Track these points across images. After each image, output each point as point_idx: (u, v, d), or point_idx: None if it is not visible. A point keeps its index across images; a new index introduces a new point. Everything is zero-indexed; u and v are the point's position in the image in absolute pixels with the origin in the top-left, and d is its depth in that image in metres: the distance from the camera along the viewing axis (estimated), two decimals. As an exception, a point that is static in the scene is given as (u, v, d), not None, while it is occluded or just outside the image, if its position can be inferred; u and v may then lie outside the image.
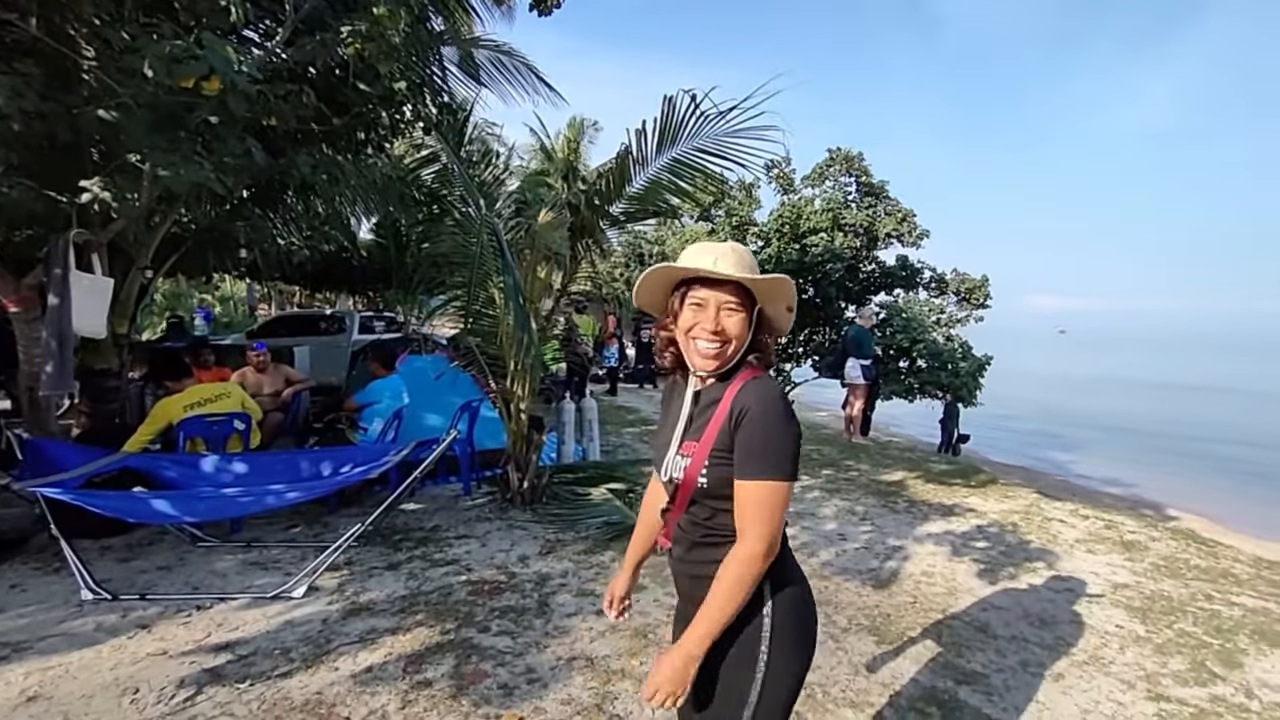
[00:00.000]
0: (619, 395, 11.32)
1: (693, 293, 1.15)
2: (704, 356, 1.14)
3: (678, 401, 1.24)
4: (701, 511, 1.18)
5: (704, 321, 1.13)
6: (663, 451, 1.22)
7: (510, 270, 3.15)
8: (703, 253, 1.15)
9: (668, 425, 1.24)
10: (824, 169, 10.65)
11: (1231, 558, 4.07)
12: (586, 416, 6.18)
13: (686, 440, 1.17)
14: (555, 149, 20.87)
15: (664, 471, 1.20)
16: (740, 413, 1.10)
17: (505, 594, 3.06)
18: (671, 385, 1.30)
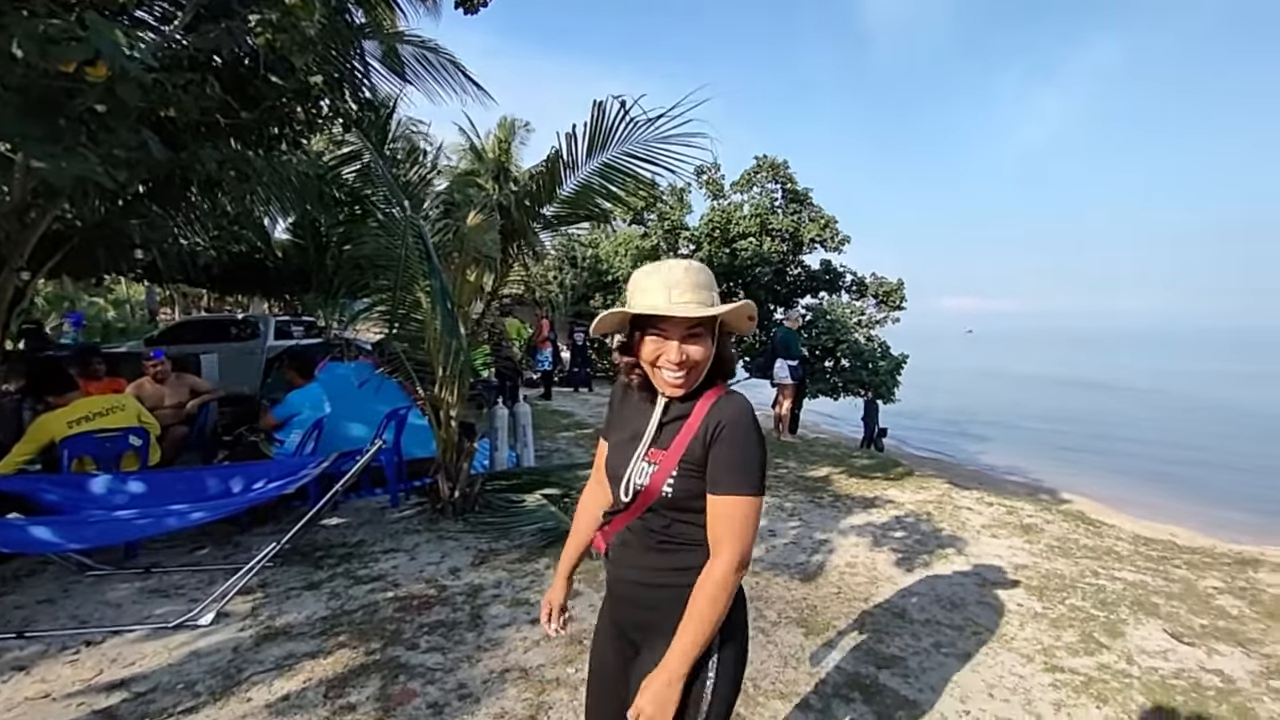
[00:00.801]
0: (553, 399, 11.21)
1: (650, 331, 1.12)
2: (671, 385, 1.14)
3: (640, 409, 1.23)
4: (657, 520, 1.18)
5: (668, 353, 1.11)
6: (623, 456, 1.21)
7: (437, 273, 3.07)
8: (657, 284, 1.10)
9: (626, 431, 1.24)
10: (752, 175, 10.99)
11: (1114, 536, 4.50)
12: (520, 422, 6.09)
13: (653, 448, 1.17)
14: (486, 149, 20.46)
15: (625, 476, 1.18)
16: (717, 428, 1.12)
17: (435, 608, 2.97)
18: (624, 389, 1.28)
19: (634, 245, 12.32)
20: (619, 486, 1.19)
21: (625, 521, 1.21)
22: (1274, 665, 2.61)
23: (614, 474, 1.22)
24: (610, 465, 1.25)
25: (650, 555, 1.19)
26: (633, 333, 1.16)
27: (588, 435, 7.91)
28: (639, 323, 1.14)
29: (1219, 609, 3.18)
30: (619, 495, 1.19)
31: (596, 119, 3.15)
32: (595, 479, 1.40)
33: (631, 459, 1.18)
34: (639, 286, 1.13)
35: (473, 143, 20.54)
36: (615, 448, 1.25)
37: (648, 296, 1.10)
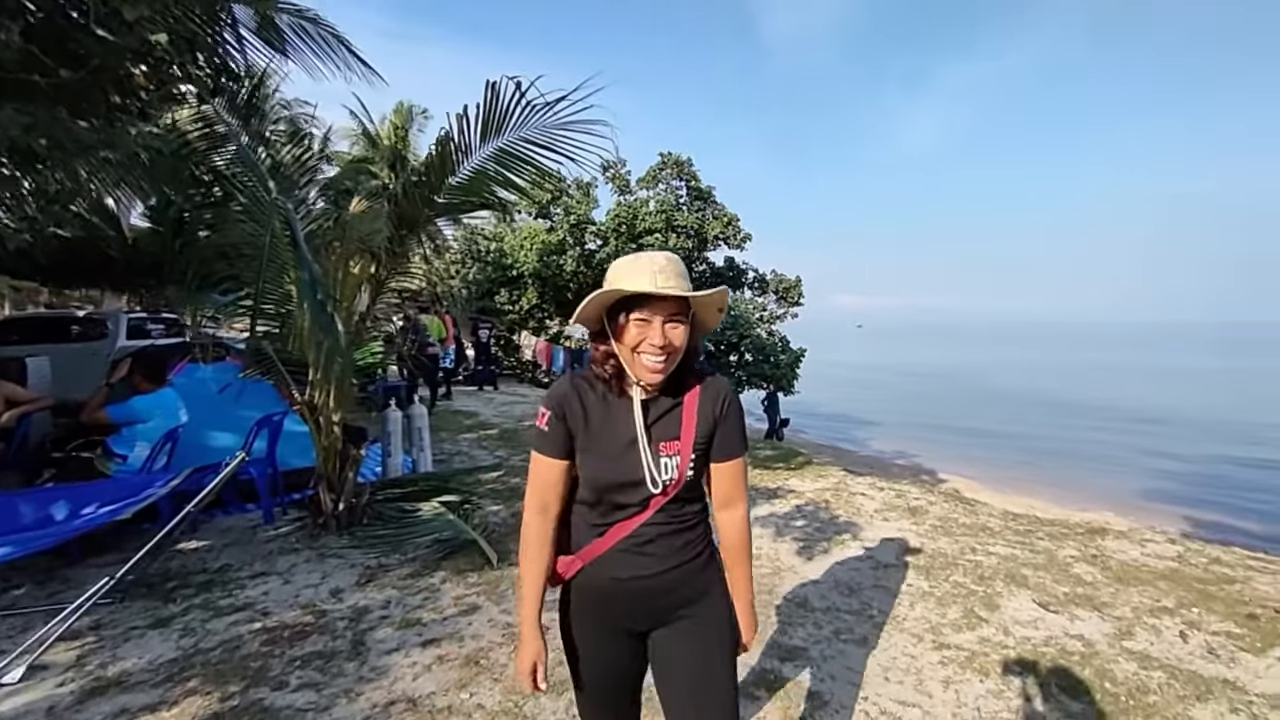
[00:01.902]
0: (455, 399, 10.70)
1: (637, 311, 1.15)
2: (651, 370, 1.17)
3: (616, 409, 1.24)
4: (673, 506, 1.25)
5: (651, 337, 1.15)
6: (626, 460, 1.21)
7: (306, 263, 2.73)
8: (641, 270, 1.15)
9: (614, 435, 1.23)
10: (657, 172, 11.04)
11: (987, 514, 4.90)
12: (415, 424, 5.71)
13: (664, 441, 1.22)
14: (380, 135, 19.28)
15: (644, 476, 1.20)
16: (724, 405, 1.26)
17: (311, 637, 2.65)
18: (578, 395, 1.25)
19: (539, 239, 12.00)
20: (633, 490, 1.21)
21: (641, 519, 1.23)
22: (1124, 626, 2.90)
23: (620, 480, 1.21)
24: (607, 475, 1.22)
25: (670, 541, 1.25)
26: (612, 319, 1.19)
27: (492, 436, 7.59)
28: (619, 309, 1.17)
29: (1077, 576, 3.51)
30: (630, 497, 1.22)
31: (490, 101, 2.94)
32: (537, 506, 1.27)
33: (641, 459, 1.20)
34: (623, 272, 1.17)
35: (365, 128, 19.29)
36: (605, 456, 1.22)
37: (635, 280, 1.14)
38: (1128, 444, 12.39)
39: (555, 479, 1.25)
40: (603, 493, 1.22)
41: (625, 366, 1.20)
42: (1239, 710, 2.28)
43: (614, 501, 1.22)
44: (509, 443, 7.19)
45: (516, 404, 10.60)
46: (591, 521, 1.26)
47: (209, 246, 4.55)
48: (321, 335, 2.74)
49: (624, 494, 1.22)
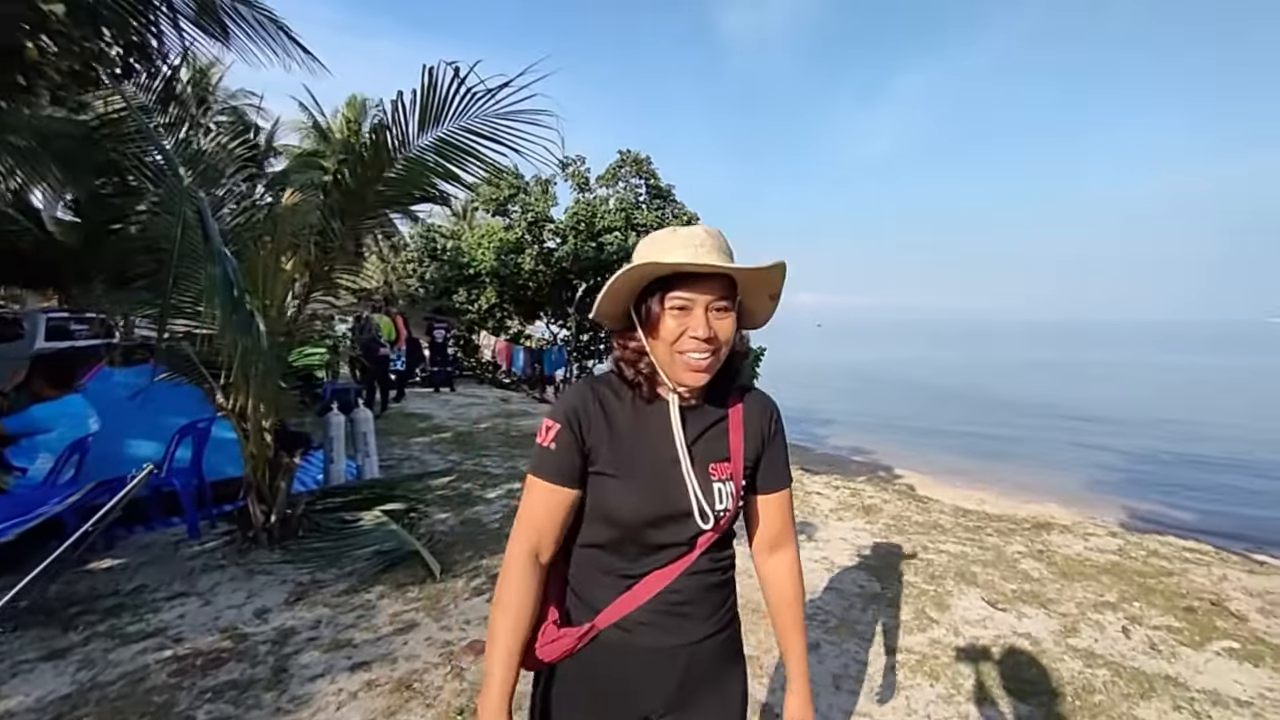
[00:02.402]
0: (409, 401, 10.36)
1: (673, 294, 0.92)
2: (694, 369, 0.93)
3: (650, 420, 1.00)
4: (717, 548, 1.03)
5: (693, 328, 0.92)
6: (667, 484, 0.96)
7: (220, 258, 2.50)
8: (678, 243, 0.92)
9: (650, 452, 0.98)
10: (616, 170, 10.92)
11: (939, 511, 4.95)
12: (361, 428, 5.45)
13: (713, 462, 1.00)
14: (332, 129, 18.64)
15: (694, 508, 0.96)
16: (772, 423, 1.07)
17: (227, 665, 2.44)
18: (597, 402, 0.99)
19: (497, 237, 11.74)
20: (678, 526, 0.97)
21: (684, 565, 0.99)
22: (1069, 623, 2.93)
23: (663, 512, 0.96)
24: (646, 505, 0.96)
25: (713, 596, 1.03)
26: (642, 310, 0.96)
27: (445, 440, 7.34)
28: (648, 295, 0.94)
29: (1024, 573, 3.55)
30: (672, 535, 0.97)
31: (427, 87, 2.77)
32: (528, 547, 0.96)
33: (688, 484, 0.96)
34: (656, 246, 0.94)
35: (316, 121, 18.63)
36: (641, 480, 0.96)
37: (669, 253, 0.91)
38: (1072, 439, 12.89)
39: (560, 513, 0.97)
40: (636, 530, 0.96)
41: (659, 368, 0.97)
42: (1182, 708, 2.30)
43: (650, 542, 0.97)
44: (463, 446, 6.97)
45: (474, 405, 10.33)
46: (613, 571, 0.98)
47: (131, 240, 4.22)
48: (238, 335, 2.52)
49: (665, 531, 0.96)
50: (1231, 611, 3.06)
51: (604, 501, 0.96)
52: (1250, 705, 2.33)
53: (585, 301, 11.95)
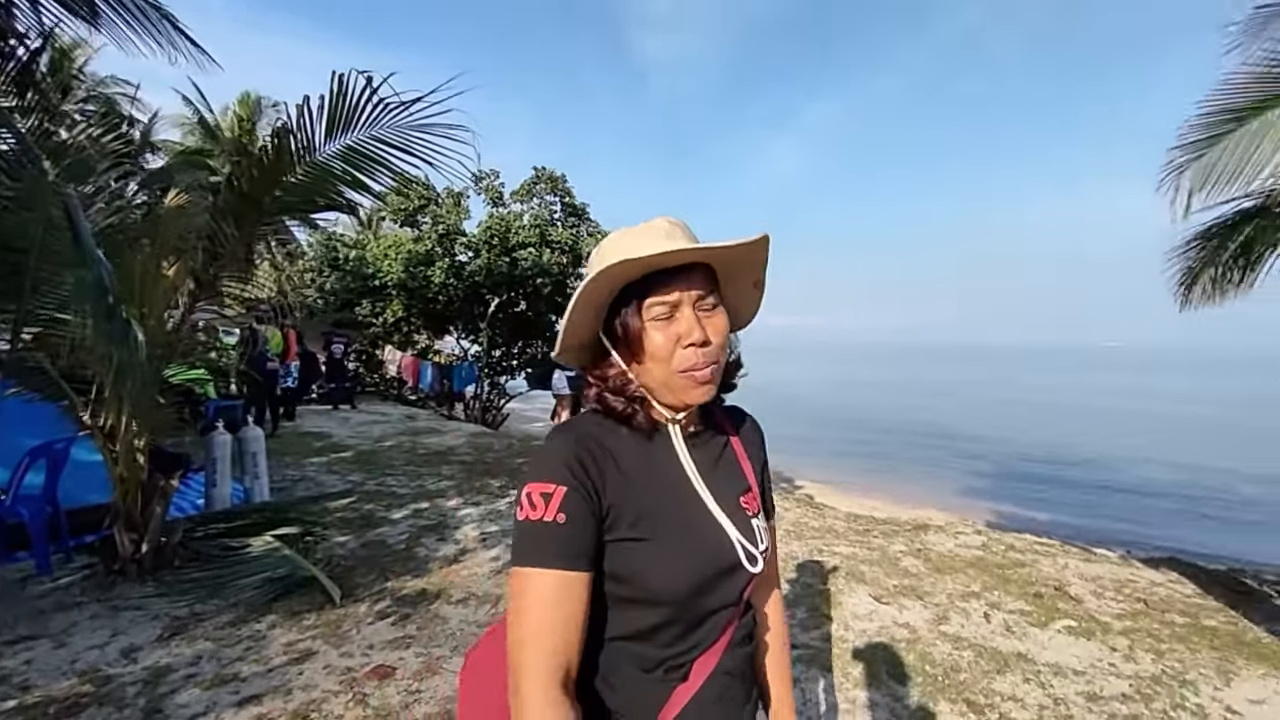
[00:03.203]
0: (306, 420, 9.70)
1: (652, 299, 0.76)
2: (700, 383, 0.77)
3: (655, 454, 0.82)
4: (761, 588, 0.92)
5: (686, 333, 0.75)
6: (706, 534, 0.79)
7: (92, 261, 2.29)
8: (639, 236, 0.78)
9: (673, 500, 0.79)
10: (531, 186, 10.92)
11: (834, 517, 5.31)
12: (250, 448, 5.07)
13: (741, 495, 0.84)
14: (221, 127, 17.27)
15: (739, 549, 0.79)
16: (763, 443, 0.95)
17: (88, 710, 2.20)
18: (601, 446, 0.78)
19: (405, 248, 11.33)
20: (728, 581, 0.78)
21: (733, 630, 0.80)
22: (941, 612, 3.26)
23: (714, 569, 0.77)
24: (694, 568, 0.76)
25: (751, 661, 0.86)
26: (614, 332, 0.80)
27: (345, 459, 6.94)
28: (621, 312, 0.78)
29: (905, 569, 3.90)
30: (724, 596, 0.78)
31: (337, 93, 2.70)
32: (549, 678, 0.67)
33: (722, 526, 0.79)
34: (618, 245, 0.78)
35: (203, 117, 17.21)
36: (681, 538, 0.77)
37: (636, 252, 0.74)
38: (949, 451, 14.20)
39: (583, 611, 0.71)
40: (686, 604, 0.75)
41: (649, 392, 0.81)
42: (1030, 679, 2.63)
43: (700, 612, 0.77)
44: (365, 466, 6.62)
45: (377, 423, 9.84)
46: (659, 665, 0.76)
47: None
48: (112, 346, 2.31)
49: (717, 593, 0.77)
50: (1071, 595, 3.53)
51: (637, 576, 0.74)
52: (1084, 674, 2.70)
53: (498, 316, 11.76)
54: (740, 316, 0.89)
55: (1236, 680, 2.64)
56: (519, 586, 0.70)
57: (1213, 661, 2.79)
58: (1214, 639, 3.00)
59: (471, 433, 9.40)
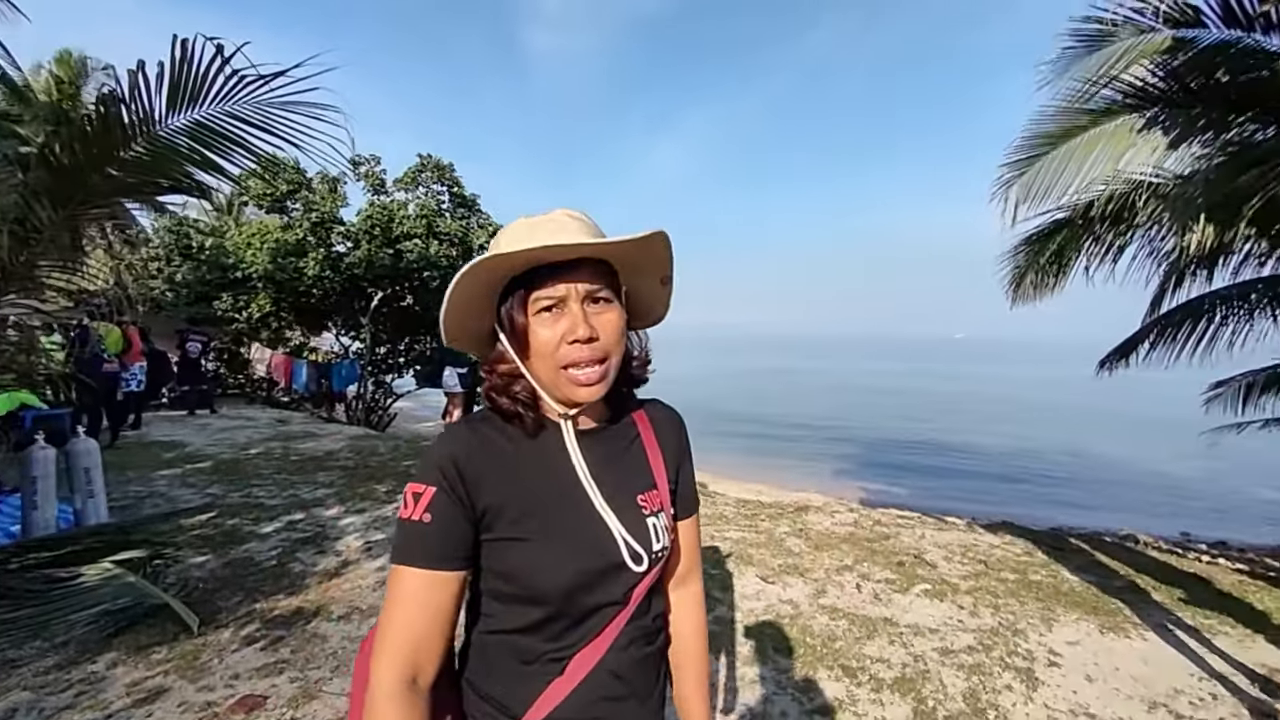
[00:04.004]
0: (154, 427, 8.60)
1: (537, 293, 0.75)
2: (586, 384, 0.76)
3: (551, 459, 0.81)
4: (653, 599, 0.87)
5: (571, 329, 0.75)
6: (589, 531, 0.79)
7: None
8: (531, 228, 0.77)
9: (558, 497, 0.79)
10: (416, 174, 10.36)
11: (724, 503, 5.56)
12: (81, 463, 4.41)
13: (640, 492, 0.83)
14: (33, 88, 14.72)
15: (623, 548, 0.79)
16: (684, 442, 0.94)
17: None
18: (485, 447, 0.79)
19: (273, 237, 10.32)
20: (611, 581, 0.79)
21: (619, 626, 0.79)
22: (820, 586, 3.52)
23: (596, 566, 0.78)
24: (575, 566, 0.77)
25: (649, 657, 0.85)
26: (506, 325, 0.79)
27: (203, 470, 6.24)
28: (514, 298, 0.77)
29: (788, 549, 4.17)
30: (605, 594, 0.78)
31: (181, 63, 2.39)
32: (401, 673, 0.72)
33: (608, 524, 0.79)
34: (508, 238, 0.77)
35: (5, 74, 14.53)
36: (564, 536, 0.77)
37: (517, 240, 0.75)
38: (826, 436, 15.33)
39: (449, 610, 0.75)
40: (566, 601, 0.76)
41: (542, 390, 0.80)
42: (894, 641, 2.92)
43: (582, 609, 0.78)
44: (227, 477, 5.99)
45: (242, 429, 8.92)
46: (537, 657, 0.78)
47: None
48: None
49: (598, 591, 0.78)
50: (927, 561, 3.96)
51: (518, 573, 0.76)
52: (938, 631, 3.03)
53: (382, 311, 11.06)
54: (651, 313, 0.90)
55: (1057, 625, 3.09)
56: (390, 581, 0.75)
57: (1038, 611, 3.25)
58: (1039, 591, 3.49)
59: (353, 435, 8.79)
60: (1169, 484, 10.55)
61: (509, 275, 0.78)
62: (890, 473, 10.96)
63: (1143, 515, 8.18)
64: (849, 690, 2.50)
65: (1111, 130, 4.67)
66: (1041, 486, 10.37)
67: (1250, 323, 5.41)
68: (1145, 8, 4.30)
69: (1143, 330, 5.86)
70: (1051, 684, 2.57)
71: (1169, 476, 11.19)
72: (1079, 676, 2.63)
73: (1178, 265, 5.52)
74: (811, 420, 18.09)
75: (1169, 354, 5.74)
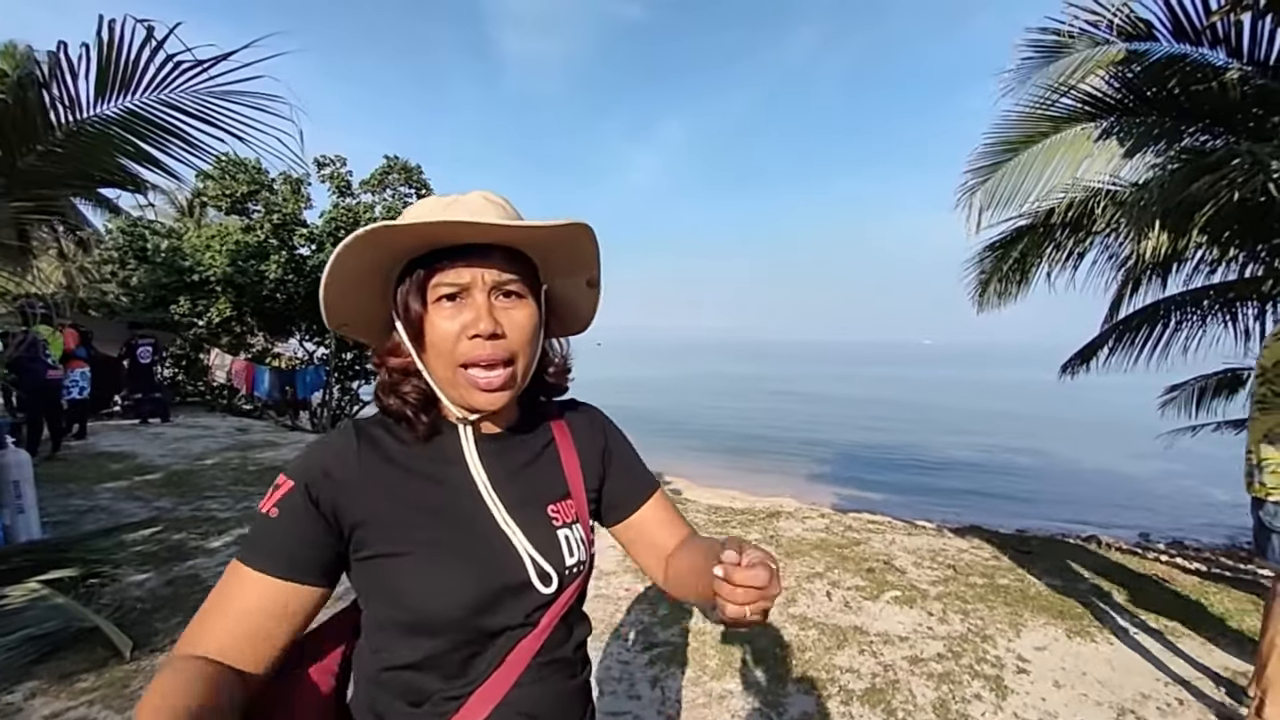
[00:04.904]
0: (106, 436, 8.20)
1: (440, 275, 0.67)
2: (485, 389, 0.68)
3: (445, 466, 0.72)
4: (573, 620, 0.77)
5: (473, 322, 0.66)
6: (486, 548, 0.69)
7: None
8: (444, 208, 0.68)
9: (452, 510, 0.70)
10: (383, 176, 10.14)
11: (695, 510, 5.48)
12: (10, 476, 4.13)
13: (551, 503, 0.76)
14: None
15: (529, 567, 0.70)
16: (607, 429, 0.87)
17: None
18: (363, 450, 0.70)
19: (233, 239, 9.96)
20: (513, 603, 0.69)
21: (527, 660, 0.69)
22: (790, 595, 3.45)
23: (493, 587, 0.68)
24: (469, 587, 0.67)
25: (567, 684, 0.75)
26: (400, 312, 0.70)
27: (152, 482, 5.93)
28: (411, 280, 0.68)
29: (759, 557, 4.10)
30: (507, 618, 0.69)
31: (108, 44, 2.23)
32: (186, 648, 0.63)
33: (511, 540, 0.70)
34: (406, 215, 0.69)
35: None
36: (456, 553, 0.68)
37: (424, 213, 0.67)
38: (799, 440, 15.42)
39: (266, 622, 0.64)
40: (459, 628, 0.67)
41: (438, 388, 0.71)
42: (865, 650, 2.86)
43: (480, 637, 0.68)
44: (178, 489, 5.70)
45: (198, 438, 8.56)
46: (430, 696, 0.67)
47: None
48: None
49: (500, 614, 0.69)
50: (896, 567, 3.93)
51: (402, 596, 0.66)
52: (907, 639, 2.99)
53: (347, 316, 10.73)
54: (576, 319, 0.84)
55: (1025, 631, 3.07)
56: (226, 576, 0.66)
57: (1006, 616, 3.23)
58: (1006, 596, 3.48)
59: (316, 444, 8.49)
60: (1127, 485, 10.84)
61: (408, 255, 0.68)
62: (862, 477, 11.04)
63: (1103, 516, 8.36)
64: (819, 703, 2.43)
65: (1071, 137, 4.77)
66: (1006, 489, 10.55)
67: (1203, 328, 5.58)
68: (1100, 20, 4.40)
69: (1102, 335, 6.00)
70: (1020, 691, 2.54)
71: (1127, 478, 11.49)
72: (1047, 683, 2.61)
73: (1134, 271, 5.66)
74: (784, 426, 18.20)
75: (1128, 358, 5.88)
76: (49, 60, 2.25)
